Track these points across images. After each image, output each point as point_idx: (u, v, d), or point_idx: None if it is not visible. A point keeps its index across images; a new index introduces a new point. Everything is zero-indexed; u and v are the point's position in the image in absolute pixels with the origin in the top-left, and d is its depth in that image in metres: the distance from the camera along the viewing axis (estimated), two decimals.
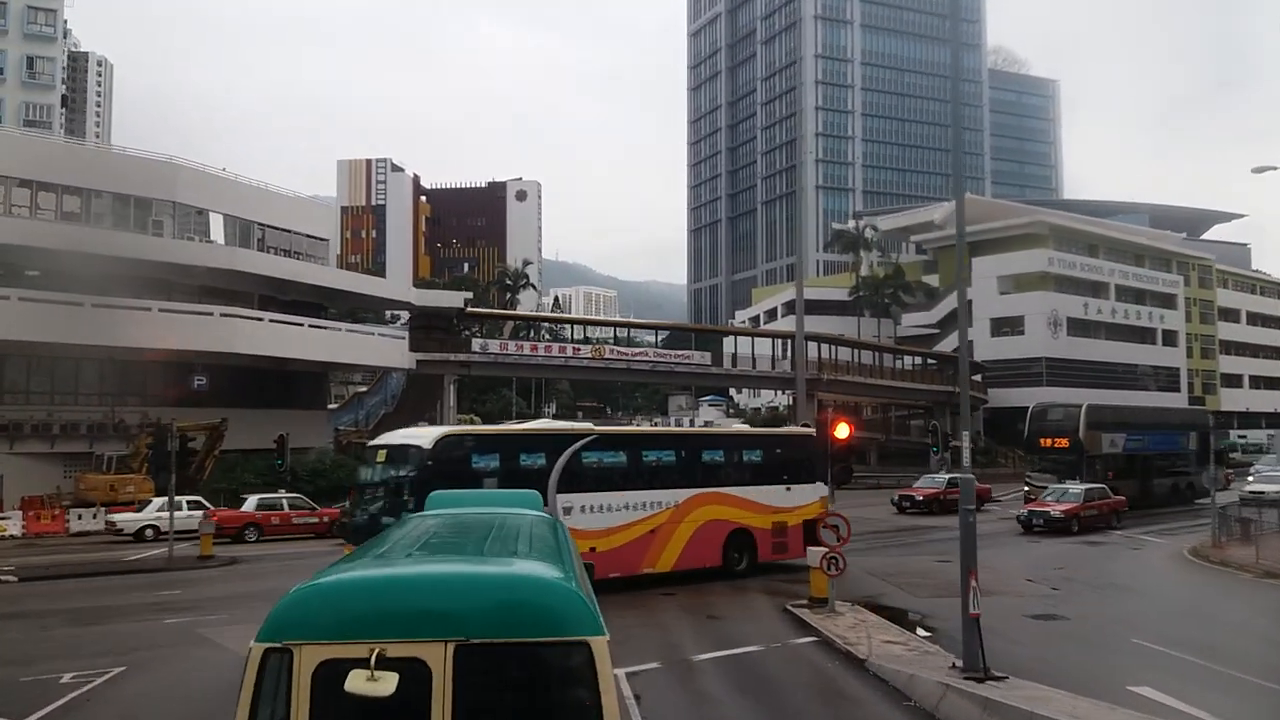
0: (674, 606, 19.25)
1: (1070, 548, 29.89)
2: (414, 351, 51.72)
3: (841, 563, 17.20)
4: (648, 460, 21.68)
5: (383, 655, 4.45)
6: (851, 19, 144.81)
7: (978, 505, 40.47)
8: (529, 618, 4.75)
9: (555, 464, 19.41)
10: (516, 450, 19.88)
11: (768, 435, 27.77)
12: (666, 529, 20.98)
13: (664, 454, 22.14)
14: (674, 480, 21.54)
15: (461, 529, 7.18)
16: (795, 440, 25.97)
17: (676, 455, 22.28)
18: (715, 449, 23.56)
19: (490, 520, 7.56)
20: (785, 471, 23.40)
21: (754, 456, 23.70)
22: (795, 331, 61.39)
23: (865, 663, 14.01)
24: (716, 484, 22.24)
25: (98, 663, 13.88)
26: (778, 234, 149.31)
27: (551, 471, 19.28)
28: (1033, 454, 44.66)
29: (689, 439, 25.40)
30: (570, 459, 19.72)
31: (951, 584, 21.95)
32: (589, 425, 20.55)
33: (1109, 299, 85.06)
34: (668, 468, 21.75)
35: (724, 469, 22.81)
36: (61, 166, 40.89)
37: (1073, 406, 43.99)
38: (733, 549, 22.17)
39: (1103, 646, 15.98)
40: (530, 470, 19.15)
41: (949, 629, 16.58)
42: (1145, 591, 22.69)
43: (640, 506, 20.69)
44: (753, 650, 15.06)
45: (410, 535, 6.64)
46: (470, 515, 7.90)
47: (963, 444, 12.78)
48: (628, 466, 21.27)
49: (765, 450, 24.19)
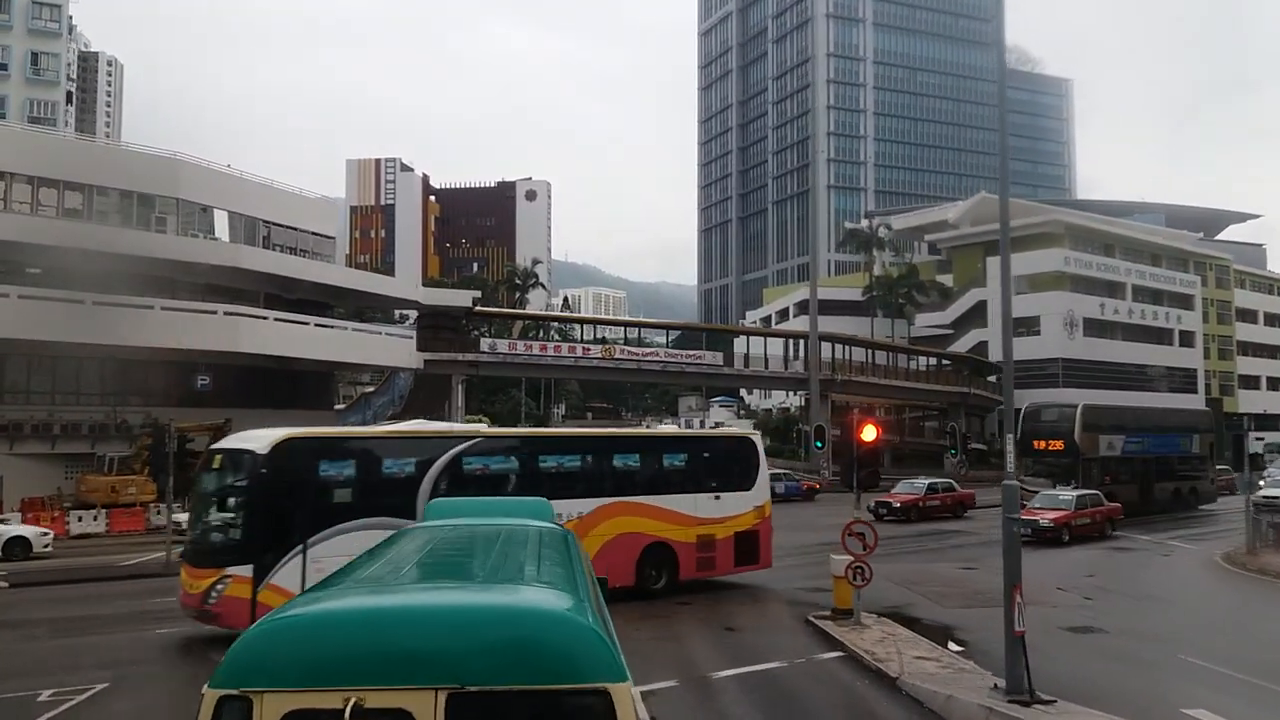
0: (689, 617, 18.35)
1: (1098, 554, 28.90)
2: (422, 351, 51.04)
3: (868, 572, 16.27)
4: (546, 466, 19.23)
5: (360, 706, 3.76)
6: (864, 17, 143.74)
7: (960, 512, 39.97)
8: (536, 660, 3.95)
9: (428, 472, 17.19)
10: (378, 456, 17.49)
11: (694, 438, 24.95)
12: None
13: (567, 459, 19.73)
14: (579, 489, 19.15)
15: (459, 546, 6.33)
16: (727, 444, 23.87)
17: (582, 460, 19.98)
18: (630, 453, 20.98)
19: (492, 534, 6.71)
20: (715, 478, 21.03)
21: (677, 461, 21.28)
22: (809, 331, 60.89)
23: (897, 681, 13.10)
24: (631, 492, 19.78)
25: (81, 678, 13.06)
26: (789, 234, 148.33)
27: (423, 481, 17.06)
28: (1026, 457, 40.97)
29: (598, 442, 22.88)
30: (448, 466, 17.45)
31: (980, 593, 21.12)
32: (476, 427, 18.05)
33: (1125, 299, 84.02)
34: (571, 475, 19.36)
35: (640, 475, 20.31)
36: (64, 162, 40.25)
37: (1068, 406, 41.85)
38: (649, 566, 19.68)
39: (1148, 664, 15.04)
40: (396, 480, 17.14)
41: (981, 642, 15.70)
42: (1183, 602, 21.70)
43: None
44: (775, 667, 14.14)
45: (399, 555, 5.78)
46: (469, 529, 7.03)
47: (1007, 447, 11.85)
48: (522, 473, 18.84)
49: (691, 455, 21.70)
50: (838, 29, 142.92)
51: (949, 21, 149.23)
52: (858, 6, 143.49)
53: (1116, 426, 40.85)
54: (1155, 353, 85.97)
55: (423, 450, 17.57)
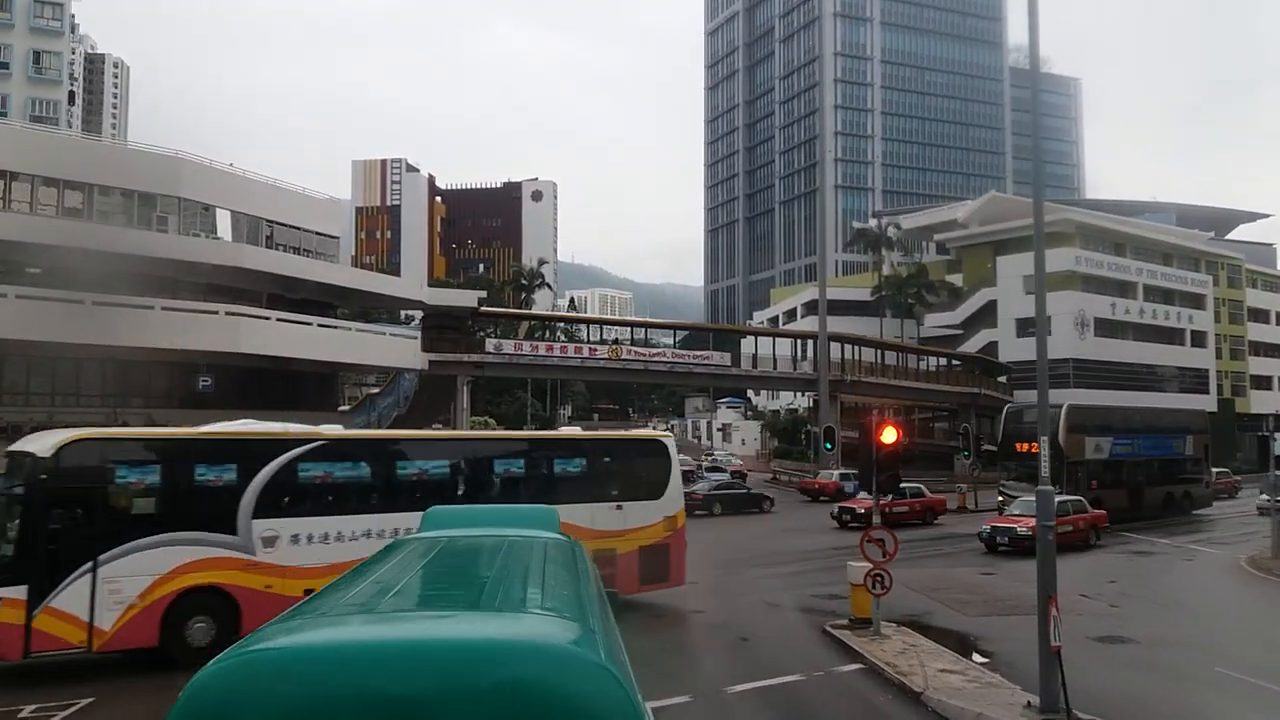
0: (701, 625, 17.72)
1: (1119, 559, 28.21)
2: (427, 352, 50.42)
3: (887, 580, 15.61)
4: (406, 474, 17.21)
5: None
6: (871, 16, 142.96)
7: (929, 519, 38.26)
8: (540, 705, 3.32)
9: (253, 480, 15.22)
10: (191, 460, 15.25)
11: (592, 440, 21.61)
12: None
13: (432, 466, 17.55)
14: (446, 500, 16.23)
15: (455, 562, 5.68)
16: (633, 447, 21.54)
17: (452, 468, 17.74)
18: (512, 458, 18.82)
19: (494, 548, 6.06)
20: (617, 486, 18.89)
21: (570, 468, 18.99)
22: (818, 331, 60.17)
23: (921, 696, 12.44)
24: (512, 503, 17.13)
25: (65, 692, 12.49)
26: (796, 234, 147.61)
27: (247, 490, 15.11)
28: (1008, 460, 39.52)
29: (471, 446, 20.00)
30: (280, 473, 15.48)
31: (1001, 600, 20.47)
32: (319, 429, 16.37)
33: (1137, 299, 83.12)
34: (437, 484, 17.18)
35: (525, 483, 18.19)
36: (64, 161, 39.71)
37: (1051, 406, 40.53)
38: None
39: (1184, 676, 14.35)
40: (211, 488, 15.06)
41: (1007, 653, 15.07)
42: (1212, 609, 21.01)
43: (392, 534, 15.51)
44: (793, 680, 13.47)
45: (387, 573, 5.14)
46: (468, 541, 6.39)
47: (1042, 450, 11.18)
48: (375, 482, 16.84)
49: (588, 460, 19.34)
50: (845, 28, 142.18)
51: (957, 20, 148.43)
52: (865, 6, 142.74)
53: (1104, 428, 38.74)
54: (1167, 353, 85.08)
55: (248, 455, 15.52)
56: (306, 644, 3.71)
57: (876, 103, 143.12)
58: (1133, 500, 38.00)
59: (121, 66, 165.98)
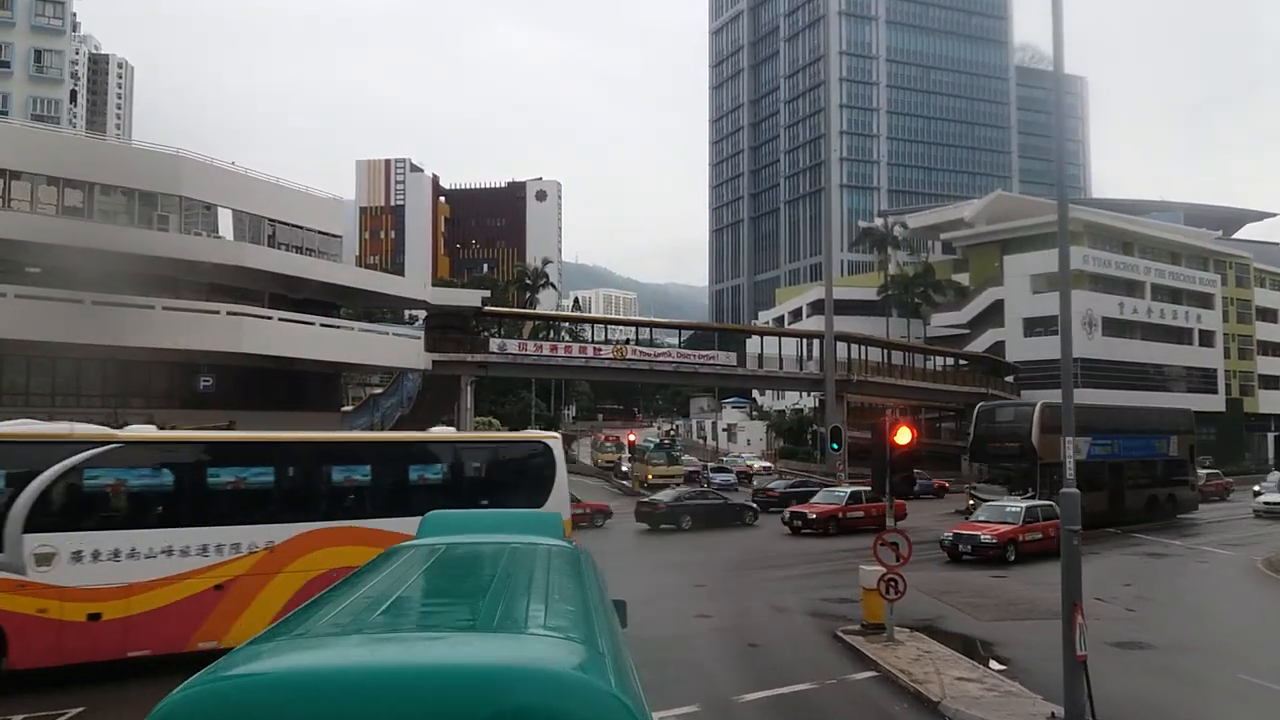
0: (709, 630, 17.28)
1: (1132, 561, 27.78)
2: (430, 352, 50.07)
3: (901, 585, 15.20)
4: (219, 482, 14.99)
5: None
6: (876, 15, 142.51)
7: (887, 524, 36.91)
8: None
9: (26, 489, 13.28)
10: None
11: (458, 443, 18.49)
12: (249, 583, 14.25)
13: (253, 473, 15.20)
14: (272, 511, 15.05)
15: (451, 573, 5.31)
16: (508, 450, 19.08)
17: (278, 474, 15.50)
18: (356, 463, 16.38)
19: (494, 555, 5.68)
20: (487, 494, 16.89)
21: (430, 474, 16.86)
22: (825, 331, 59.79)
23: (939, 706, 12.03)
24: (357, 514, 15.56)
25: (54, 702, 12.13)
26: (801, 233, 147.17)
27: (18, 500, 13.16)
28: (979, 461, 37.29)
29: (304, 450, 16.42)
30: (59, 481, 13.55)
31: (1014, 604, 20.07)
32: (112, 431, 14.42)
33: (1145, 298, 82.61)
34: (260, 492, 15.17)
35: (373, 492, 16.12)
36: (64, 159, 39.42)
37: (1025, 405, 37.74)
38: None
39: (1206, 684, 13.93)
40: None
41: (1024, 659, 14.66)
42: (1230, 613, 20.55)
43: (199, 551, 14.13)
44: (805, 689, 13.05)
45: (379, 586, 4.75)
46: (466, 548, 6.00)
47: (1066, 451, 10.77)
48: (179, 490, 14.76)
49: (451, 465, 17.18)
50: (850, 27, 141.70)
51: (962, 19, 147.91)
52: (871, 4, 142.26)
53: (1082, 428, 36.28)
54: (1175, 352, 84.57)
55: (18, 459, 13.59)
56: (282, 670, 3.35)
57: (882, 102, 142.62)
58: (1113, 504, 35.96)
59: (126, 67, 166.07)
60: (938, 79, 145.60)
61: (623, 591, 7.33)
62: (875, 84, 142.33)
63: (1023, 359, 76.19)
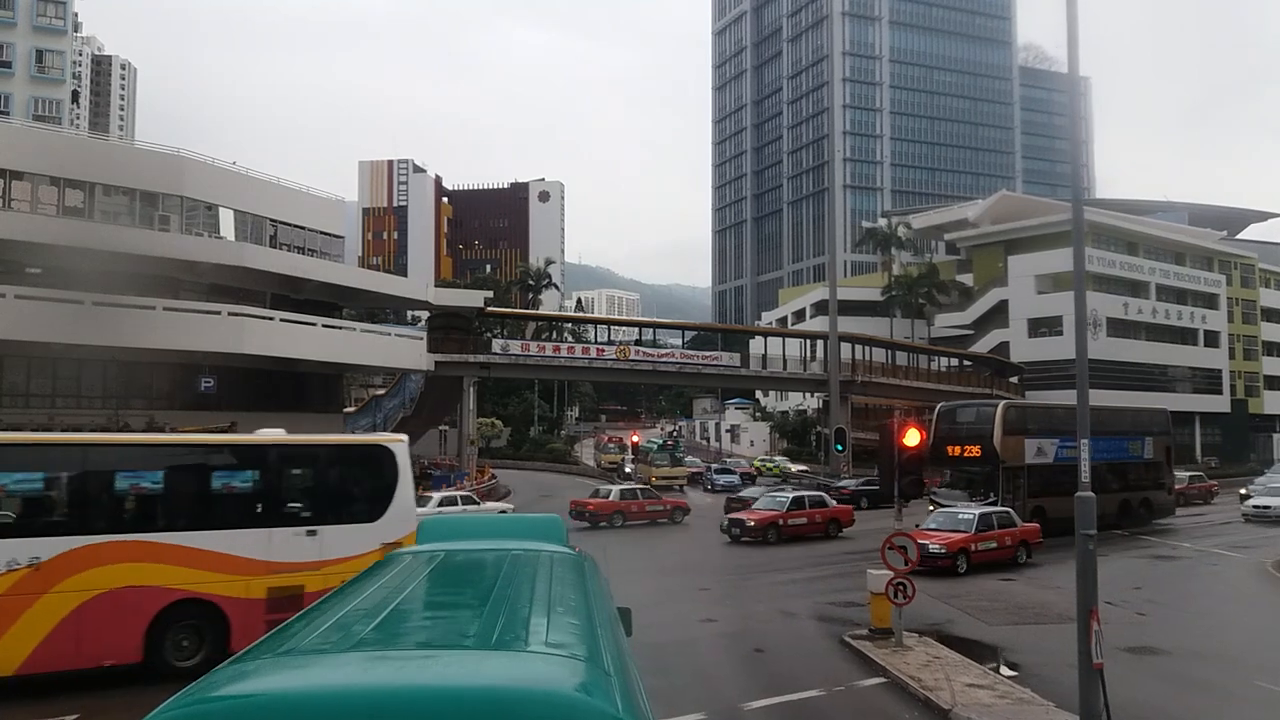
0: (713, 635, 17.04)
1: (1141, 563, 27.46)
2: (432, 352, 49.90)
3: (910, 589, 14.95)
4: None
5: None
6: (880, 15, 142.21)
7: (833, 531, 33.51)
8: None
9: None
10: None
11: (278, 446, 15.32)
12: (7, 604, 12.35)
13: (15, 479, 13.18)
14: (36, 523, 13.20)
15: (449, 583, 5.08)
16: (339, 455, 16.72)
17: (47, 481, 13.55)
18: (145, 469, 14.18)
19: (495, 563, 5.44)
20: (312, 506, 14.97)
21: (239, 482, 14.79)
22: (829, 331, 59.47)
23: (950, 714, 11.77)
24: (145, 527, 13.68)
25: (50, 708, 11.93)
26: (804, 234, 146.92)
27: None
28: (940, 465, 34.13)
29: (77, 453, 14.11)
30: None
31: (1024, 608, 19.79)
32: None
33: (1149, 299, 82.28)
34: (23, 501, 13.32)
35: (166, 502, 14.17)
36: (65, 159, 39.23)
37: (987, 405, 35.91)
38: (176, 634, 13.40)
39: (1222, 691, 13.66)
40: None
41: (1035, 665, 14.42)
42: (1243, 617, 20.22)
43: None
44: (812, 696, 12.81)
45: (372, 598, 4.52)
46: (466, 556, 5.77)
47: (1082, 454, 10.53)
48: None
49: (265, 472, 14.95)
50: (854, 27, 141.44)
51: (965, 19, 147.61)
52: (874, 5, 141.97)
53: (1047, 430, 33.94)
54: (1179, 353, 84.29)
55: None
56: (268, 692, 3.14)
57: (885, 102, 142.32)
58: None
59: (129, 68, 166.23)
60: (941, 79, 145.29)
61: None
62: (879, 84, 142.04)
63: (1027, 360, 75.96)
